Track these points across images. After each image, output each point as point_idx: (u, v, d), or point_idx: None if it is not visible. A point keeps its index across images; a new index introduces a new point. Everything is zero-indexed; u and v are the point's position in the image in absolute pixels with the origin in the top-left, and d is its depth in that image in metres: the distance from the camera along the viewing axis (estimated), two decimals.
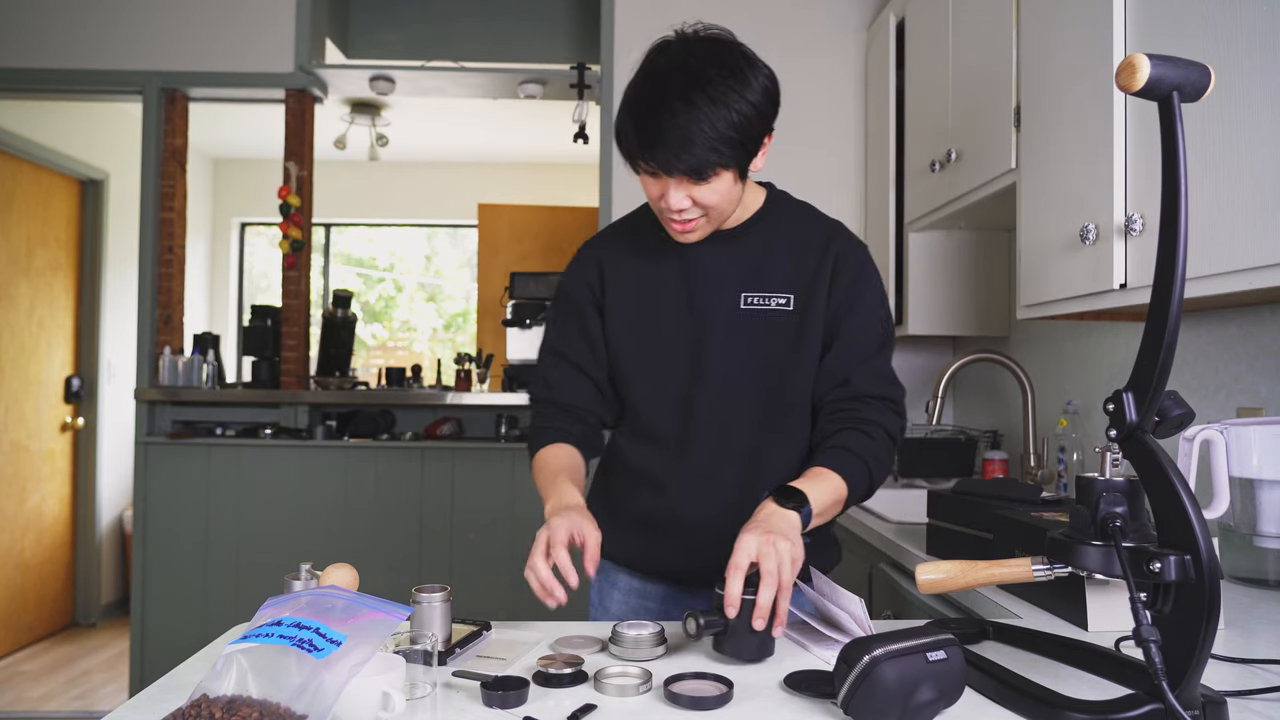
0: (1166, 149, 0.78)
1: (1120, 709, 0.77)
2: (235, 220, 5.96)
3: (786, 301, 1.29)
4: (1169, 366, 0.79)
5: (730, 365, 1.29)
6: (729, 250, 1.31)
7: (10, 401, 4.12)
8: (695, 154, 1.13)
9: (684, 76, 1.13)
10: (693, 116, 1.11)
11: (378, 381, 3.77)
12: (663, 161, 1.14)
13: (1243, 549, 1.30)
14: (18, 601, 4.17)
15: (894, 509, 2.01)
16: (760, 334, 1.29)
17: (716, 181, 1.17)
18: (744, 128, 1.14)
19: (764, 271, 1.30)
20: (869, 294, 1.32)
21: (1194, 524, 0.76)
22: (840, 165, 3.14)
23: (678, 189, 1.17)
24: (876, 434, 1.25)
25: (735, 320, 1.29)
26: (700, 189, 1.17)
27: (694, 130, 1.11)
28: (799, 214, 1.38)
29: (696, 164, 1.14)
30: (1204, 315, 1.73)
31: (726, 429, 1.30)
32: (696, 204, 1.19)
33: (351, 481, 3.20)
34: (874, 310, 1.32)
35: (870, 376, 1.28)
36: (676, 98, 1.12)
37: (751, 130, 1.15)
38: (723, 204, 1.21)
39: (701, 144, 1.12)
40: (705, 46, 1.16)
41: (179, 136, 3.37)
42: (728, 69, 1.14)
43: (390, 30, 3.77)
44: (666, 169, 1.15)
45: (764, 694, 0.90)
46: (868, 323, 1.30)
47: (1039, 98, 1.76)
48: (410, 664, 0.88)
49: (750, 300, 1.29)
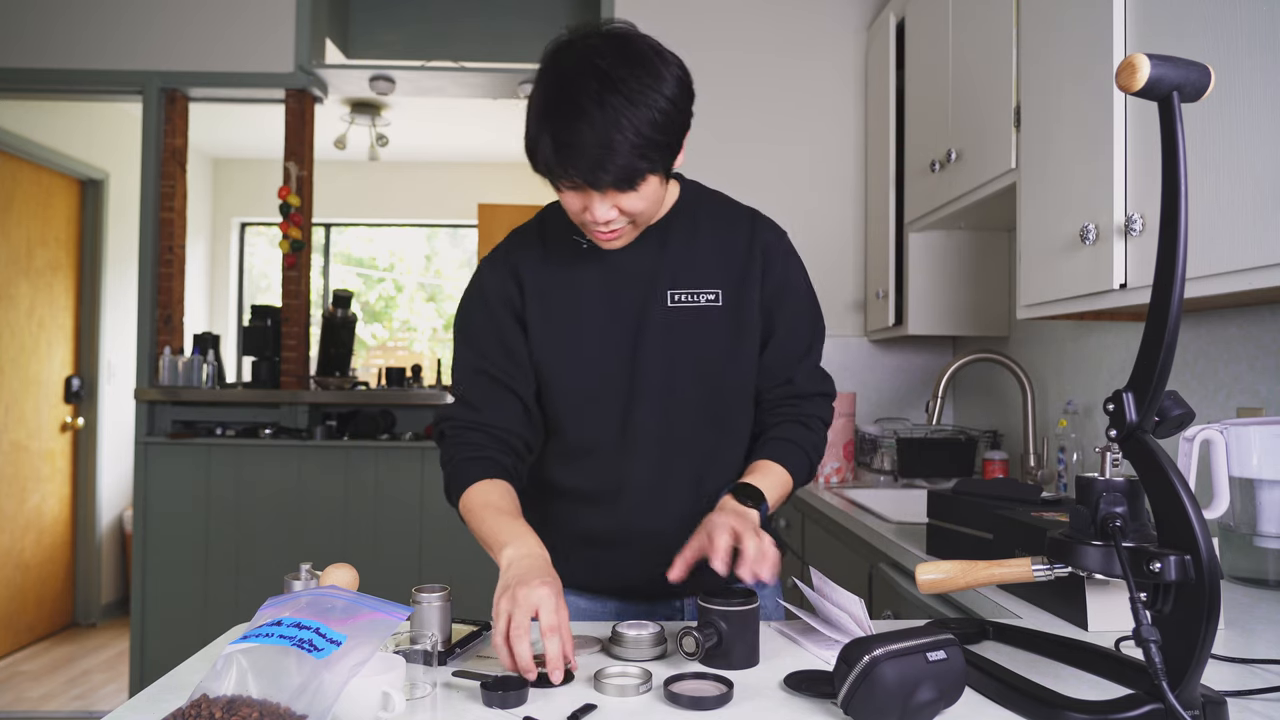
0: (1166, 149, 0.78)
1: (1120, 709, 0.77)
2: (235, 220, 5.96)
3: (715, 297, 1.24)
4: (1169, 366, 0.79)
5: (664, 369, 1.23)
6: (649, 248, 1.24)
7: (10, 401, 4.12)
8: (620, 163, 1.04)
9: (595, 79, 1.03)
10: (612, 122, 1.02)
11: (378, 381, 3.77)
12: (587, 175, 1.06)
13: (1243, 549, 1.30)
14: (18, 601, 4.17)
15: (894, 509, 2.01)
16: (692, 332, 1.23)
17: (644, 188, 1.10)
18: (666, 127, 1.07)
19: (688, 267, 1.25)
20: (799, 285, 1.31)
21: (1194, 524, 0.76)
22: (840, 165, 3.15)
23: (603, 201, 1.10)
24: (815, 425, 1.30)
25: (663, 321, 1.23)
26: (627, 198, 1.10)
27: (615, 137, 1.03)
28: (717, 204, 1.32)
29: (623, 174, 1.06)
30: (1204, 315, 1.73)
31: (669, 435, 1.24)
32: (623, 213, 1.12)
33: (351, 481, 3.20)
34: (806, 301, 1.32)
35: (811, 373, 1.31)
36: (591, 103, 1.03)
37: (673, 128, 1.09)
38: (650, 209, 1.15)
39: (625, 151, 1.04)
40: (610, 44, 1.07)
41: (179, 136, 3.37)
42: (640, 65, 1.06)
43: (390, 30, 3.77)
44: (592, 183, 1.06)
45: (764, 694, 0.90)
46: (801, 316, 1.30)
47: (1039, 98, 1.76)
48: (410, 664, 0.88)
49: (677, 298, 1.24)
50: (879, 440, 2.79)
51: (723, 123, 3.15)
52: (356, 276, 6.24)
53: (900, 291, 2.71)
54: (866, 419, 3.04)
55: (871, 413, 3.07)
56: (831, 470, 2.65)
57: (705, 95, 3.33)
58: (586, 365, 1.24)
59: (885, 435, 2.78)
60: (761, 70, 3.16)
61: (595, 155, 1.04)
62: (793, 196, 3.12)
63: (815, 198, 3.14)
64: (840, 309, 3.13)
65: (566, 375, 1.24)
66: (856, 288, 3.13)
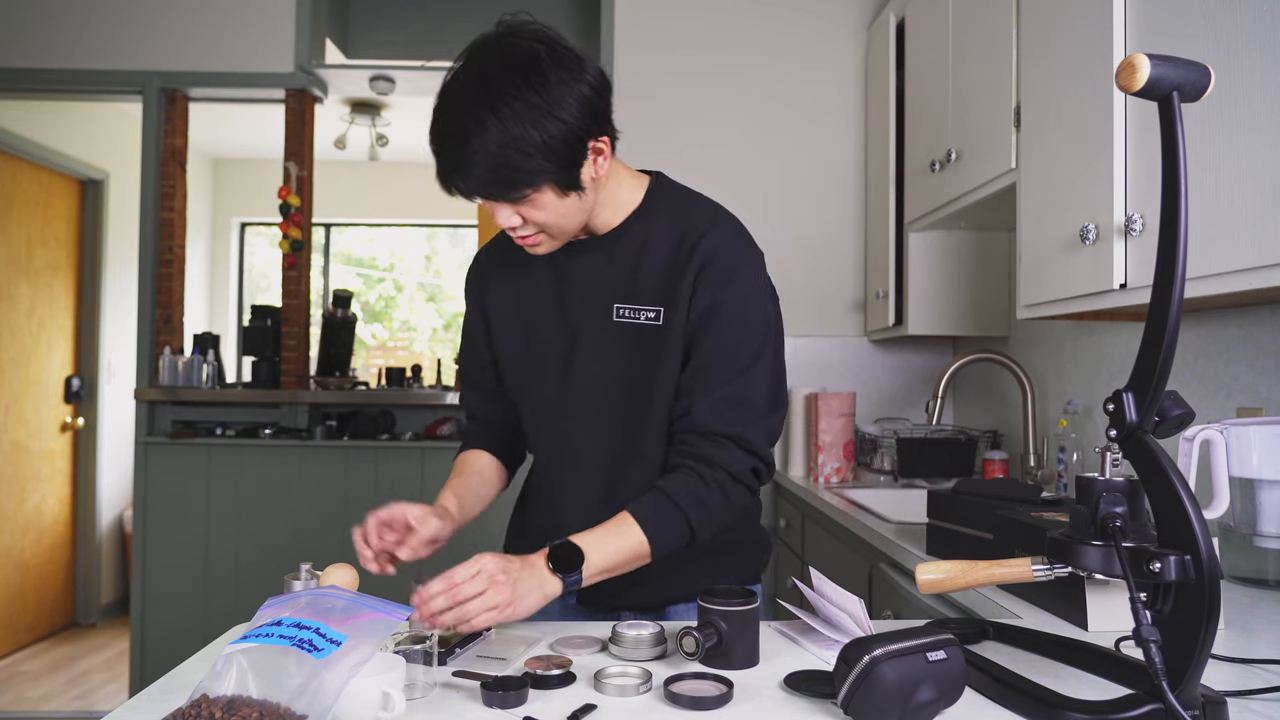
0: (1166, 149, 0.78)
1: (1120, 709, 0.77)
2: (235, 220, 5.96)
3: (656, 315, 1.16)
4: (1169, 366, 0.79)
5: (593, 381, 1.20)
6: (601, 257, 1.20)
7: (10, 401, 4.12)
8: (492, 179, 1.03)
9: (478, 91, 1.02)
10: (486, 140, 1.01)
11: (378, 381, 3.77)
12: (462, 188, 1.06)
13: (1243, 549, 1.30)
14: (18, 601, 4.17)
15: (894, 509, 2.01)
16: (628, 350, 1.18)
17: (538, 198, 1.07)
18: (549, 145, 1.02)
19: (636, 280, 1.18)
20: (733, 304, 1.15)
21: (1194, 524, 0.76)
22: (840, 165, 3.15)
23: (501, 208, 1.09)
24: (713, 477, 1.12)
25: (604, 335, 1.19)
26: (524, 209, 1.08)
27: (485, 156, 1.01)
28: (678, 208, 1.21)
29: (498, 189, 1.05)
30: (1204, 315, 1.73)
31: (592, 448, 1.23)
32: (528, 221, 1.10)
33: (351, 481, 3.20)
34: (738, 323, 1.15)
35: (715, 409, 1.13)
36: (468, 118, 1.01)
37: (562, 146, 1.04)
38: (558, 221, 1.11)
39: (497, 168, 1.02)
40: (509, 52, 1.04)
41: (179, 136, 3.37)
42: (529, 82, 1.01)
43: (390, 30, 3.77)
44: (466, 194, 1.06)
45: (764, 694, 0.90)
46: (725, 341, 1.14)
47: (1039, 98, 1.76)
48: (410, 664, 0.88)
49: (622, 313, 1.18)
50: (879, 440, 2.79)
51: (723, 123, 3.15)
52: (356, 276, 6.24)
53: (900, 291, 2.71)
54: (866, 419, 3.04)
55: (871, 413, 3.07)
56: (831, 470, 2.65)
57: (705, 96, 3.35)
58: (530, 369, 1.27)
59: (885, 435, 2.78)
60: (761, 70, 3.16)
61: (467, 170, 1.03)
62: (793, 197, 3.12)
63: (815, 198, 3.14)
64: (840, 309, 3.13)
65: (517, 376, 1.29)
66: (856, 288, 3.13)
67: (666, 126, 3.15)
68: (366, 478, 3.21)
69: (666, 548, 1.11)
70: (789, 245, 3.10)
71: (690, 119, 3.15)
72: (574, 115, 1.04)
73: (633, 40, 3.17)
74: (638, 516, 1.09)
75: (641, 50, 3.17)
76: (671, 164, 3.07)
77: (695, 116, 3.15)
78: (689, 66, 3.16)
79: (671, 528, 1.11)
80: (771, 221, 3.08)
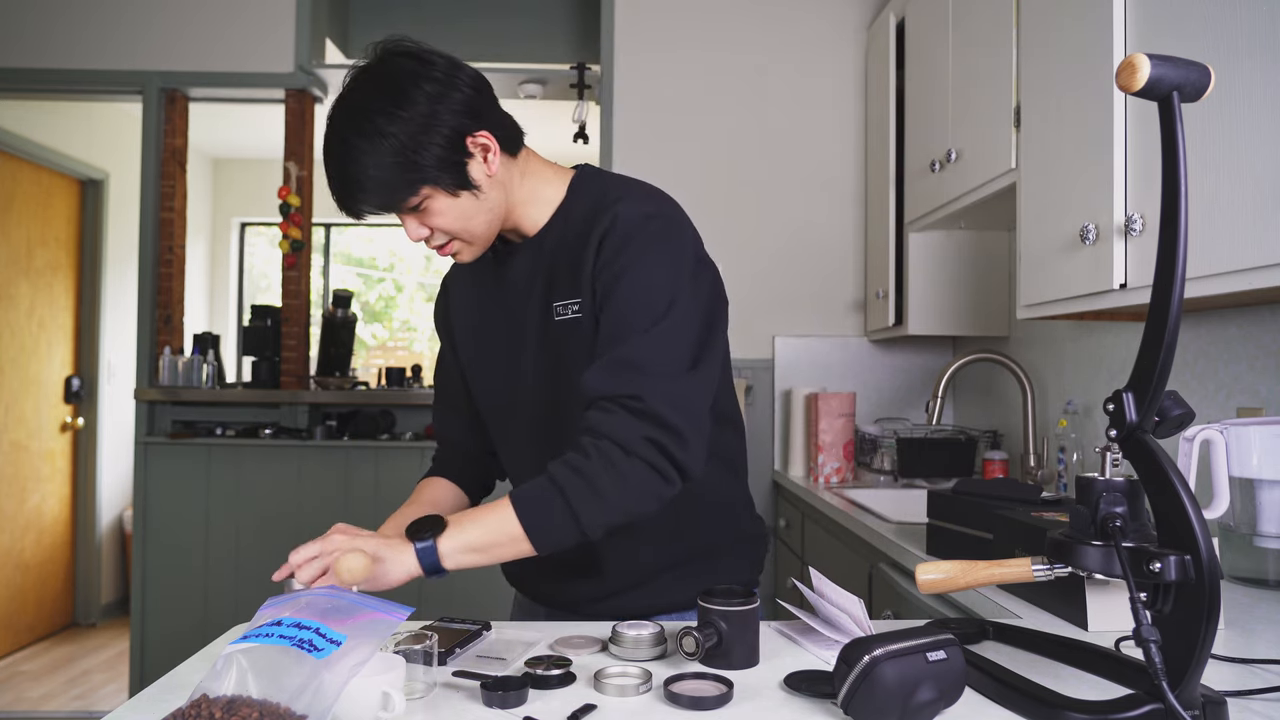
0: (1166, 149, 0.78)
1: (1120, 709, 0.77)
2: (235, 220, 5.96)
3: (579, 306, 1.12)
4: (1169, 366, 0.79)
5: (542, 386, 1.17)
6: (532, 258, 1.18)
7: (10, 401, 4.12)
8: (374, 197, 1.05)
9: (345, 117, 1.04)
10: (352, 159, 1.03)
11: (378, 381, 3.77)
12: (351, 210, 1.08)
13: (1243, 549, 1.30)
14: (18, 601, 4.17)
15: (894, 509, 2.01)
16: (564, 348, 1.14)
17: (429, 205, 1.07)
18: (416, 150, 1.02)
19: (562, 274, 1.14)
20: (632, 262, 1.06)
21: (1194, 524, 0.76)
22: (840, 165, 3.15)
23: (406, 221, 1.09)
24: (596, 448, 1.00)
25: (547, 337, 1.16)
26: (425, 216, 1.08)
27: (362, 175, 1.03)
28: (596, 191, 1.16)
29: (384, 202, 1.06)
30: (1204, 315, 1.73)
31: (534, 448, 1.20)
32: (434, 230, 1.10)
33: (351, 481, 3.20)
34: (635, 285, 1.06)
35: (603, 373, 1.03)
36: (339, 145, 1.04)
37: (433, 147, 1.03)
38: (462, 224, 1.09)
39: (374, 184, 1.04)
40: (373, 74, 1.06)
41: (179, 136, 3.37)
42: (389, 96, 1.03)
43: (390, 30, 3.75)
44: (359, 215, 1.08)
45: (764, 694, 0.90)
46: (623, 304, 1.06)
47: (1039, 98, 1.76)
48: (410, 664, 0.88)
49: (559, 311, 1.14)
50: (879, 440, 2.79)
51: (723, 123, 3.15)
52: (356, 276, 6.24)
53: (900, 291, 2.71)
54: (866, 419, 3.04)
55: (871, 413, 3.07)
56: (831, 470, 2.65)
57: (705, 96, 3.35)
58: (486, 378, 1.27)
59: (885, 435, 2.79)
60: (761, 70, 3.16)
61: (349, 191, 1.06)
62: (793, 197, 3.12)
63: (815, 198, 3.14)
64: (840, 309, 3.13)
65: (477, 386, 1.29)
66: (856, 288, 3.13)
67: (666, 127, 3.15)
68: (366, 478, 3.21)
69: (550, 536, 1.01)
70: (789, 245, 3.10)
71: (690, 119, 3.15)
72: (442, 118, 1.04)
73: (633, 40, 3.17)
74: (514, 498, 1.02)
75: (641, 50, 3.17)
76: (671, 164, 3.09)
77: (695, 117, 3.15)
78: (689, 66, 3.16)
79: (546, 510, 1.00)
80: (771, 221, 3.08)
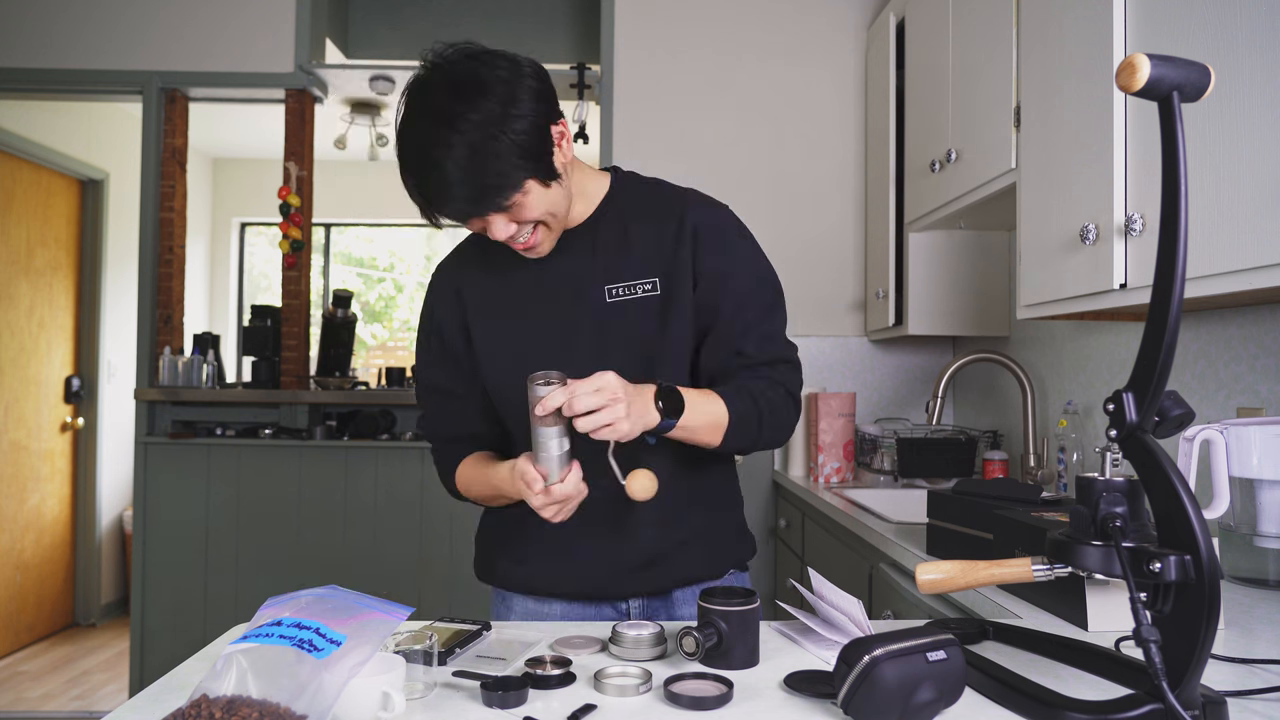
0: (1166, 149, 0.78)
1: (1120, 709, 0.77)
2: (235, 220, 5.96)
3: (652, 286, 1.23)
4: (1169, 366, 0.79)
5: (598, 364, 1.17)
6: (583, 247, 1.25)
7: (10, 401, 4.12)
8: (475, 194, 1.07)
9: (433, 121, 1.06)
10: (456, 162, 1.05)
11: (378, 381, 3.77)
12: (456, 214, 1.10)
13: (1243, 549, 1.30)
14: (18, 601, 4.17)
15: (894, 509, 2.01)
16: (630, 323, 1.22)
17: (525, 199, 1.11)
18: (517, 143, 1.07)
19: (623, 261, 1.23)
20: (742, 256, 1.26)
21: (1194, 524, 0.76)
22: (840, 165, 3.15)
23: (496, 222, 1.12)
24: (777, 389, 1.23)
25: (601, 318, 1.22)
26: (515, 213, 1.12)
27: (461, 172, 1.05)
28: (648, 191, 1.30)
29: (487, 203, 1.09)
30: (1204, 315, 1.73)
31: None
32: (523, 224, 1.14)
33: (351, 481, 3.21)
34: (751, 271, 1.26)
35: (763, 342, 1.24)
36: (434, 146, 1.06)
37: (527, 140, 1.08)
38: (550, 211, 1.15)
39: (478, 185, 1.07)
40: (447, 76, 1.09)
41: (179, 136, 3.37)
42: (478, 92, 1.06)
43: (390, 30, 3.77)
44: (462, 218, 1.11)
45: (764, 694, 0.90)
46: (747, 286, 1.25)
47: (1039, 98, 1.76)
48: (410, 664, 0.88)
49: (615, 293, 1.23)
50: (879, 440, 2.79)
51: (723, 123, 3.15)
52: (356, 276, 6.24)
53: (900, 291, 2.71)
54: (866, 419, 3.04)
55: (871, 413, 3.07)
56: (831, 470, 2.65)
57: (705, 96, 3.34)
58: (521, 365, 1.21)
59: (885, 435, 2.79)
60: (761, 71, 3.16)
61: (453, 195, 1.07)
62: (793, 196, 3.12)
63: (815, 198, 3.14)
64: (840, 309, 3.13)
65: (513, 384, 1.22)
66: (856, 288, 3.13)
67: (666, 127, 3.15)
68: (366, 478, 3.21)
69: (738, 436, 1.18)
70: (789, 245, 3.09)
71: (690, 119, 3.15)
72: (529, 108, 1.09)
73: (633, 41, 3.17)
74: (723, 395, 1.17)
75: (641, 51, 3.17)
76: (671, 164, 3.09)
77: (695, 117, 3.15)
78: (689, 67, 3.16)
79: (745, 416, 1.18)
80: (771, 221, 3.08)
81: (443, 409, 1.34)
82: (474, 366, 1.30)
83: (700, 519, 1.29)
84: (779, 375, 1.24)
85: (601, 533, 1.24)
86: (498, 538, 1.34)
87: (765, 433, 1.21)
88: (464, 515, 3.19)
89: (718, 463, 1.33)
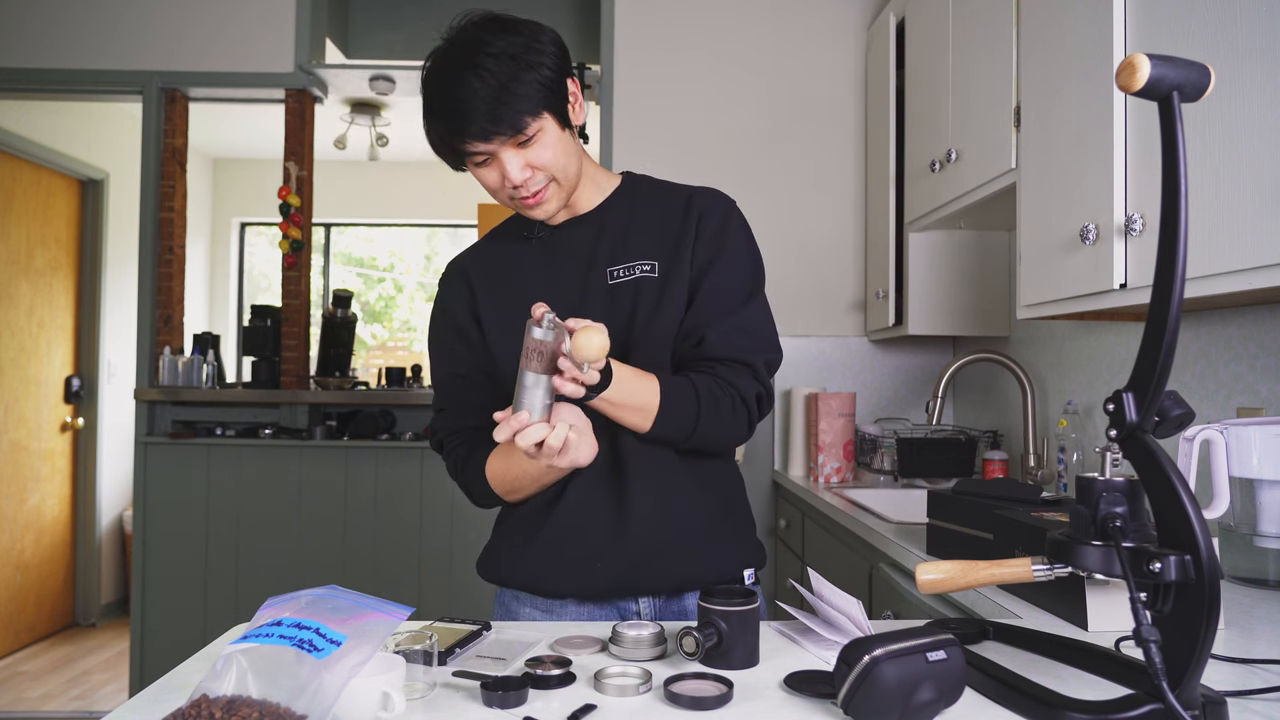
0: (1166, 149, 0.78)
1: (1120, 709, 0.77)
2: (235, 220, 5.96)
3: (651, 268, 1.25)
4: (1169, 366, 0.79)
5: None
6: (589, 231, 1.29)
7: (10, 401, 4.12)
8: (501, 110, 1.11)
9: (463, 50, 1.12)
10: (485, 79, 1.10)
11: (378, 381, 3.77)
12: (477, 131, 1.12)
13: (1243, 549, 1.30)
14: (18, 601, 4.17)
15: (894, 509, 2.01)
16: (627, 303, 1.24)
17: (542, 136, 1.15)
18: (539, 76, 1.13)
19: (627, 244, 1.27)
20: (732, 245, 1.27)
21: (1194, 524, 0.76)
22: (840, 165, 3.15)
23: (511, 160, 1.15)
24: (727, 390, 1.20)
25: (603, 299, 1.25)
26: (531, 150, 1.16)
27: (489, 90, 1.10)
28: (659, 186, 1.35)
29: (510, 119, 1.12)
30: (1204, 315, 1.73)
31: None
32: (536, 169, 1.17)
33: (351, 481, 3.21)
34: (736, 261, 1.26)
35: (726, 335, 1.22)
36: (464, 69, 1.11)
37: (549, 73, 1.14)
38: (561, 160, 1.18)
39: (504, 99, 1.11)
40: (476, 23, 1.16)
41: (179, 136, 3.37)
42: (502, 30, 1.14)
43: (390, 30, 3.77)
44: (483, 136, 1.12)
45: (764, 694, 0.90)
46: (728, 275, 1.25)
47: (1039, 98, 1.76)
48: (410, 664, 0.88)
49: (616, 274, 1.26)
50: (879, 440, 2.80)
51: (722, 123, 3.15)
52: (356, 276, 6.24)
53: (900, 291, 2.71)
54: (866, 419, 3.04)
55: (871, 413, 3.07)
56: (831, 470, 2.65)
57: (705, 95, 3.34)
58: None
59: (885, 435, 2.79)
60: (761, 71, 3.16)
61: (478, 110, 1.11)
62: (793, 196, 3.12)
63: (815, 198, 3.14)
64: (840, 309, 3.13)
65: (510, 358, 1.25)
66: (856, 288, 3.13)
67: (666, 127, 3.15)
68: (366, 478, 3.21)
69: (669, 424, 1.16)
70: (789, 245, 3.10)
71: (690, 119, 3.15)
72: (552, 52, 1.16)
73: (632, 40, 3.17)
74: (662, 381, 1.16)
75: (641, 50, 3.17)
76: (671, 163, 3.09)
77: (695, 116, 3.15)
78: (689, 66, 3.16)
79: (681, 405, 1.16)
80: (771, 221, 3.08)
81: (465, 399, 1.32)
82: (487, 351, 1.31)
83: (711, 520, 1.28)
84: (731, 375, 1.21)
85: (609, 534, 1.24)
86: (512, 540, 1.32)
87: (703, 429, 1.18)
88: (464, 515, 3.19)
89: (725, 464, 1.33)
